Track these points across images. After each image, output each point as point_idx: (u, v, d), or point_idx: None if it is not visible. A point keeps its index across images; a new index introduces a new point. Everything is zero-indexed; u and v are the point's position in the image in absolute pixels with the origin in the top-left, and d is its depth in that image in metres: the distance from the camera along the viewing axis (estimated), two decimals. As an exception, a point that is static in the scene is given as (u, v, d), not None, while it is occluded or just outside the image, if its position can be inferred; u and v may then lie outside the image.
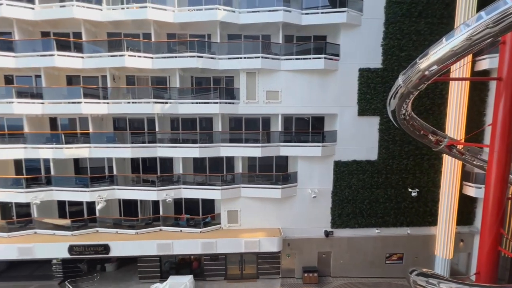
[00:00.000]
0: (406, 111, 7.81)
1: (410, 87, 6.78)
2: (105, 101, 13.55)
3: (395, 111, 7.97)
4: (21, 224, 14.64)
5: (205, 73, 14.51)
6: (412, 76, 6.58)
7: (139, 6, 12.81)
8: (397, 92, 7.30)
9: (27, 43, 13.33)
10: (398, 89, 7.20)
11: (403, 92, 7.08)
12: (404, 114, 7.86)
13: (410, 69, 6.66)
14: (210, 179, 14.66)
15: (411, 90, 6.85)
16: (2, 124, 14.51)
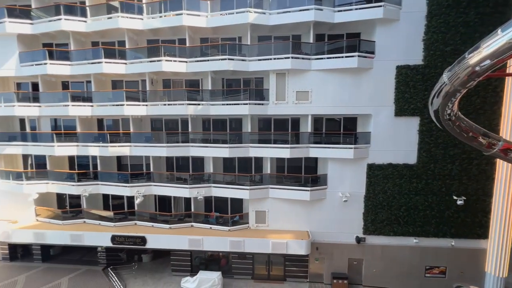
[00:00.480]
0: (452, 111, 7.11)
1: (457, 84, 6.16)
2: (144, 103, 14.62)
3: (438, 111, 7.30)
4: (73, 214, 16.44)
5: (236, 75, 14.84)
6: (459, 73, 5.96)
7: (175, 13, 13.59)
8: (441, 90, 6.68)
9: (80, 52, 14.94)
10: (443, 87, 6.58)
11: (448, 90, 6.46)
12: (449, 114, 7.16)
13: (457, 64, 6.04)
14: (239, 179, 14.93)
15: (458, 88, 6.22)
16: (59, 125, 16.53)
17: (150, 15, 14.21)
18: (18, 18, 14.68)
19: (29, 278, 14.94)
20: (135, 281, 14.80)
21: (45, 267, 16.08)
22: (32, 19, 14.73)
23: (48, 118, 16.30)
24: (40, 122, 16.53)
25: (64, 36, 15.11)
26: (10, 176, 16.03)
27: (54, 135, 15.32)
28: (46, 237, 15.25)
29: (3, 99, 15.50)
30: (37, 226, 15.86)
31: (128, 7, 14.15)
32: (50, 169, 16.01)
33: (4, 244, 16.26)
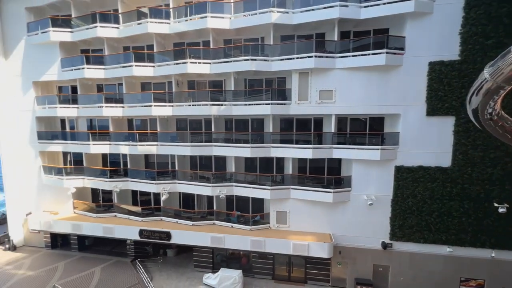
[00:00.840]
0: (494, 110, 6.53)
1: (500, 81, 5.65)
2: (170, 104, 15.24)
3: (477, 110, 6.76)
4: (105, 208, 17.61)
5: (258, 75, 14.92)
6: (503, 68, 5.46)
7: (200, 16, 14.00)
8: (481, 87, 6.17)
9: (113, 57, 15.96)
10: (483, 84, 6.07)
11: (490, 87, 5.94)
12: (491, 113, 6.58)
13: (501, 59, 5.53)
14: (260, 179, 14.96)
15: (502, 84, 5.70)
16: (94, 125, 17.80)
17: (176, 19, 14.76)
18: (60, 27, 16.07)
19: (67, 266, 16.28)
20: (160, 274, 15.47)
21: (80, 256, 17.42)
22: (72, 27, 16.03)
23: (85, 118, 17.64)
24: (78, 122, 17.95)
25: (99, 42, 16.26)
26: (52, 171, 17.61)
27: (89, 134, 16.57)
28: (82, 228, 16.51)
29: (47, 101, 17.09)
30: (74, 218, 17.23)
31: (156, 12, 14.84)
32: (86, 165, 17.32)
33: (47, 233, 17.90)
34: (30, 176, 18.27)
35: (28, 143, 17.98)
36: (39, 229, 17.44)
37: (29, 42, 16.82)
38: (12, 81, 17.63)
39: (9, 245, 18.23)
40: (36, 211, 18.45)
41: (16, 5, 16.95)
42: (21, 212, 18.44)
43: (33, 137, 17.73)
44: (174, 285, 14.37)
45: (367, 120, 13.86)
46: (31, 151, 18.02)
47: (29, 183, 18.33)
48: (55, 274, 15.35)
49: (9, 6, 17.11)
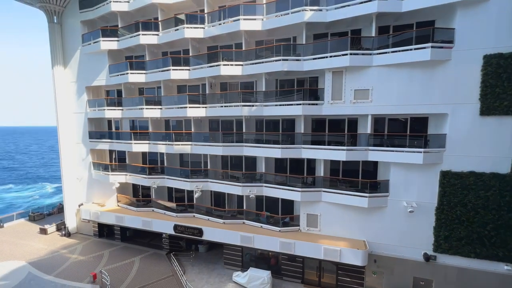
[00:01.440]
0: None
1: None
2: (204, 105, 15.85)
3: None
4: (144, 202, 18.96)
5: (289, 75, 14.78)
6: None
7: (233, 19, 14.33)
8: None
9: (153, 62, 17.14)
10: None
11: None
12: None
13: None
14: (290, 180, 14.78)
15: None
16: (136, 125, 19.28)
17: (210, 23, 15.32)
18: (108, 37, 17.75)
19: (111, 253, 17.86)
20: (192, 268, 16.15)
21: (122, 246, 18.98)
22: (118, 36, 17.60)
23: (128, 119, 19.21)
24: (122, 123, 19.62)
25: (141, 48, 17.60)
26: (100, 167, 19.51)
27: (132, 134, 18.00)
28: (124, 220, 17.98)
29: (97, 104, 19.00)
30: (118, 210, 18.85)
31: (192, 18, 15.59)
32: (128, 163, 18.86)
33: (95, 223, 19.86)
34: (83, 171, 20.50)
35: (81, 142, 20.22)
36: (88, 219, 19.44)
37: (83, 52, 18.91)
38: (69, 87, 19.99)
39: (65, 232, 20.62)
40: (86, 202, 20.64)
41: (74, 20, 19.18)
42: (74, 203, 20.77)
43: (85, 136, 19.86)
44: (205, 280, 14.87)
45: (407, 121, 12.85)
46: (84, 149, 20.22)
47: (81, 177, 20.58)
48: (101, 260, 16.94)
49: (69, 21, 19.42)
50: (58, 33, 19.46)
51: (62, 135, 20.26)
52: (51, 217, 23.76)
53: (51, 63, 19.53)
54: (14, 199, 43.62)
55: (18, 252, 17.70)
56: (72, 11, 19.22)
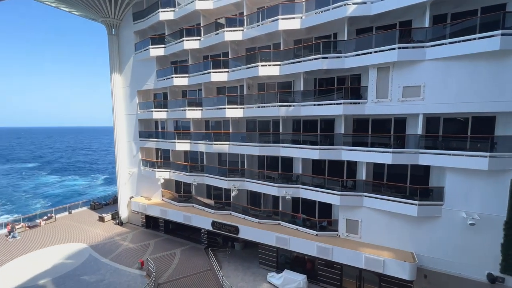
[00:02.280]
0: None
1: None
2: (242, 106, 16.18)
3: None
4: (185, 198, 20.15)
5: (329, 74, 14.22)
6: None
7: (271, 20, 14.34)
8: None
9: (195, 66, 18.13)
10: None
11: None
12: None
13: None
14: (328, 183, 14.21)
15: None
16: (179, 126, 20.59)
17: (249, 25, 15.58)
18: (156, 44, 19.31)
19: (156, 244, 19.38)
20: (228, 264, 16.60)
21: (166, 237, 20.45)
22: (165, 43, 19.03)
23: (172, 120, 20.64)
24: (167, 124, 21.16)
25: (184, 54, 18.77)
26: (147, 164, 21.34)
27: (175, 133, 19.29)
28: (168, 214, 19.36)
29: (146, 106, 20.83)
30: (162, 204, 20.38)
31: (231, 22, 16.06)
32: (172, 160, 20.25)
33: (143, 215, 21.78)
34: (134, 167, 22.69)
35: (132, 140, 22.40)
36: (137, 211, 21.41)
37: (136, 59, 20.92)
38: (123, 91, 22.32)
39: (118, 221, 23.05)
40: (136, 195, 22.77)
41: (128, 31, 21.37)
42: (126, 196, 23.09)
43: (136, 135, 21.93)
44: (240, 278, 15.15)
45: (468, 121, 11.28)
46: (134, 147, 22.36)
47: (132, 172, 22.79)
48: (148, 249, 18.50)
49: (124, 32, 21.71)
50: (115, 44, 21.89)
51: (117, 134, 22.71)
52: (108, 207, 26.84)
53: (110, 71, 22.05)
54: (75, 188, 50.96)
55: (82, 236, 20.36)
56: (127, 23, 21.43)
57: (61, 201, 40.97)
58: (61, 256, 17.38)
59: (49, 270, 15.73)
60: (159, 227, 21.29)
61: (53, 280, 14.78)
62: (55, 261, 16.70)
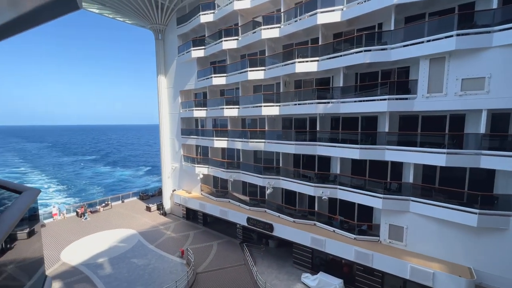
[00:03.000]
0: None
1: None
2: (278, 104, 16.10)
3: None
4: (222, 193, 20.92)
5: (372, 68, 13.26)
6: None
7: (309, 14, 13.92)
8: None
9: (232, 65, 18.60)
10: None
11: None
12: None
13: None
14: (369, 184, 13.32)
15: None
16: (217, 124, 21.41)
17: (286, 22, 15.37)
18: (197, 46, 20.32)
19: (195, 235, 20.57)
20: (262, 261, 16.78)
21: (204, 230, 21.55)
22: (205, 45, 19.91)
23: (211, 118, 21.55)
24: (206, 122, 22.18)
25: (223, 54, 19.39)
26: (188, 160, 22.70)
27: (213, 131, 20.11)
28: (206, 207, 20.35)
29: (187, 105, 22.12)
30: (201, 198, 21.50)
31: (268, 19, 16.04)
32: (210, 157, 21.19)
33: (184, 207, 23.29)
34: (176, 162, 24.36)
35: (175, 138, 24.04)
36: (179, 203, 22.95)
37: (179, 61, 22.33)
38: (167, 92, 24.06)
39: (162, 211, 25.04)
40: (178, 189, 24.43)
41: (172, 35, 22.91)
42: (169, 189, 24.93)
43: (178, 133, 23.49)
44: (274, 275, 15.18)
45: (549, 117, 9.43)
46: (177, 143, 23.98)
47: (175, 167, 24.50)
48: (188, 240, 19.74)
49: (169, 36, 23.35)
50: (161, 48, 23.67)
51: (162, 132, 24.62)
52: (154, 198, 29.35)
53: (156, 73, 23.96)
54: (123, 177, 57.55)
55: (132, 223, 22.66)
56: (171, 28, 22.98)
57: (112, 189, 47.00)
58: (115, 239, 19.62)
59: (106, 251, 17.89)
60: (198, 220, 22.52)
61: (109, 260, 16.77)
62: (111, 243, 18.92)
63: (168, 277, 14.96)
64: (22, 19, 2.17)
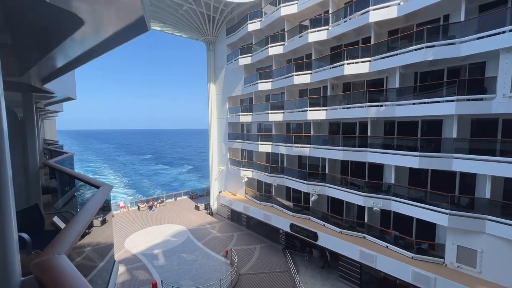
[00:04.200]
0: None
1: None
2: (324, 108, 15.56)
3: None
4: (265, 197, 21.05)
5: (436, 65, 11.77)
6: None
7: (360, 13, 13.17)
8: None
9: (278, 70, 18.75)
10: None
11: None
12: None
13: None
14: (431, 197, 11.72)
15: None
16: (262, 128, 21.77)
17: (334, 23, 14.84)
18: (244, 54, 21.14)
19: (239, 237, 21.11)
20: (305, 270, 16.21)
21: (247, 232, 21.97)
22: (252, 52, 20.58)
23: (256, 123, 22.04)
24: (252, 126, 22.78)
25: (269, 59, 19.74)
26: (234, 163, 23.57)
27: (258, 136, 20.50)
28: (250, 210, 20.73)
29: (234, 111, 23.10)
30: (245, 201, 22.01)
31: (315, 22, 15.72)
32: (254, 161, 21.61)
33: (229, 209, 24.18)
34: (223, 165, 25.57)
35: (222, 141, 25.30)
36: (224, 204, 23.94)
37: (227, 69, 23.60)
38: (216, 98, 25.57)
39: (210, 211, 26.46)
40: (224, 190, 25.53)
41: (221, 45, 24.38)
42: (216, 190, 26.24)
43: (225, 137, 24.65)
44: (318, 287, 14.48)
45: None
46: (224, 147, 25.18)
47: (222, 169, 25.72)
48: (232, 240, 20.38)
49: (219, 46, 24.91)
50: (212, 58, 25.39)
51: (211, 136, 26.19)
52: (202, 198, 31.29)
53: (207, 81, 25.74)
54: (174, 176, 63.51)
55: (183, 220, 24.53)
56: (221, 38, 24.47)
57: (165, 185, 52.32)
58: (168, 233, 21.50)
59: (161, 243, 19.73)
60: (242, 222, 23.07)
61: (163, 252, 18.44)
62: (165, 237, 20.80)
63: (213, 274, 15.65)
64: (104, 44, 2.62)
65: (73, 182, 5.58)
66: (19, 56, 3.23)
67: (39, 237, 3.07)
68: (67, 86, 7.47)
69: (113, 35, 2.28)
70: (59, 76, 4.52)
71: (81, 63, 3.37)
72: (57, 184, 6.10)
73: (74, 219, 2.03)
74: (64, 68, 3.79)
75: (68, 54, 3.10)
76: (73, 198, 5.65)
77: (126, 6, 1.77)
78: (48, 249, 1.40)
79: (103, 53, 2.78)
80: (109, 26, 2.17)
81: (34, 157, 5.63)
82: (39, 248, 2.84)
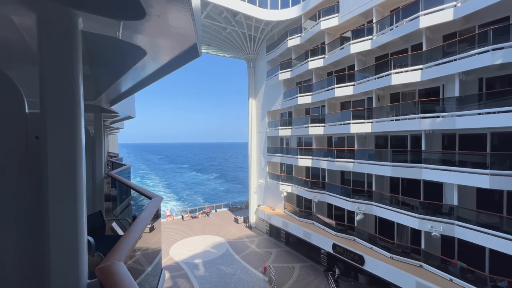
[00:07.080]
0: None
1: None
2: (369, 120, 14.62)
3: None
4: (305, 213, 20.24)
5: (507, 69, 10.19)
6: None
7: (409, 19, 12.35)
8: None
9: (318, 83, 18.48)
10: None
11: None
12: None
13: None
14: (508, 224, 9.78)
15: None
16: (302, 142, 21.39)
17: (379, 32, 14.17)
18: (284, 69, 21.46)
19: (278, 253, 20.51)
20: (351, 297, 14.78)
21: (286, 249, 21.22)
22: (291, 67, 20.79)
23: (295, 137, 21.79)
24: (291, 140, 22.57)
25: (308, 73, 19.64)
26: (273, 177, 23.45)
27: (298, 149, 20.15)
28: (289, 226, 20.11)
29: (274, 125, 23.30)
30: (284, 216, 21.48)
31: (358, 33, 15.25)
32: (294, 175, 21.17)
33: (267, 223, 23.86)
34: (262, 178, 25.65)
35: (262, 155, 25.52)
36: (263, 218, 23.72)
37: (267, 85, 24.17)
38: (256, 113, 26.21)
39: (248, 224, 26.49)
40: (262, 204, 25.41)
41: (262, 62, 25.24)
42: (255, 203, 26.27)
43: (265, 150, 24.86)
44: (366, 318, 13.01)
45: None
46: (263, 161, 25.34)
47: (261, 183, 25.79)
48: (270, 257, 19.88)
49: (259, 63, 25.86)
50: (252, 74, 26.39)
51: (251, 149, 26.71)
52: (241, 211, 31.62)
53: (248, 97, 26.69)
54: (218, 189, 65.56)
55: (222, 232, 25.00)
56: (261, 55, 25.39)
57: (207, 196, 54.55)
58: (208, 244, 22.08)
59: (201, 254, 20.33)
60: (281, 238, 22.44)
61: (203, 263, 18.93)
62: (205, 247, 21.40)
63: (251, 291, 15.37)
64: (161, 70, 2.97)
65: (129, 192, 6.21)
66: (95, 83, 3.85)
67: (101, 241, 3.45)
68: (129, 106, 8.56)
69: (169, 62, 2.57)
70: (123, 98, 5.21)
71: (142, 87, 3.85)
72: (116, 192, 6.87)
73: (131, 228, 2.24)
74: (128, 91, 4.37)
75: (132, 80, 3.57)
76: (128, 206, 6.28)
77: (182, 37, 1.98)
78: (110, 255, 1.56)
79: (160, 78, 3.13)
80: (166, 54, 2.44)
81: (101, 168, 6.48)
82: (100, 251, 3.19)
